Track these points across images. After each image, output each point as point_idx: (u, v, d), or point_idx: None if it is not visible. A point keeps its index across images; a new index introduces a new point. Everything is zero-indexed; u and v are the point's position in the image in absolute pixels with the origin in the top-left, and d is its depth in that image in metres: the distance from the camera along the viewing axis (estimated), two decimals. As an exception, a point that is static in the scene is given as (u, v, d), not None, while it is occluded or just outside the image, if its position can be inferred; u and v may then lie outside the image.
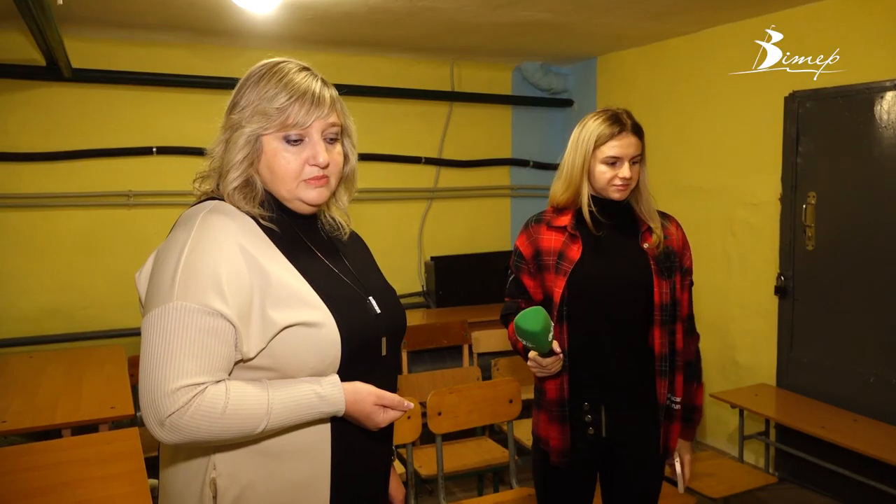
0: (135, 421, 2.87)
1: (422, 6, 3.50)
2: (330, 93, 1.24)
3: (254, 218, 1.23)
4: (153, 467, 2.20)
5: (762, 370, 3.89)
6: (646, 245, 1.91)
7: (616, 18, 3.84)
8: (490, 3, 3.48)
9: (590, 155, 1.89)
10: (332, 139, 1.25)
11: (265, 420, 1.13)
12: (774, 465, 3.80)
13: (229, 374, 1.15)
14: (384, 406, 1.25)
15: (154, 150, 4.26)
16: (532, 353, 1.78)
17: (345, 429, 1.25)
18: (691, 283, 2.01)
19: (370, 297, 1.31)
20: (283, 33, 4.06)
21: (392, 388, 1.34)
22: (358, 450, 1.29)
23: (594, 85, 5.15)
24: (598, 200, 1.94)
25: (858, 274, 3.39)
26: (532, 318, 1.68)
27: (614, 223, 1.95)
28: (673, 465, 2.01)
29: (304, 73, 1.23)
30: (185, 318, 1.08)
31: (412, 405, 1.30)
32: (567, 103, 5.43)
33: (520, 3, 3.48)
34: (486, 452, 3.16)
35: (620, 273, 1.91)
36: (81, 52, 3.96)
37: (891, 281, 3.25)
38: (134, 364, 3.36)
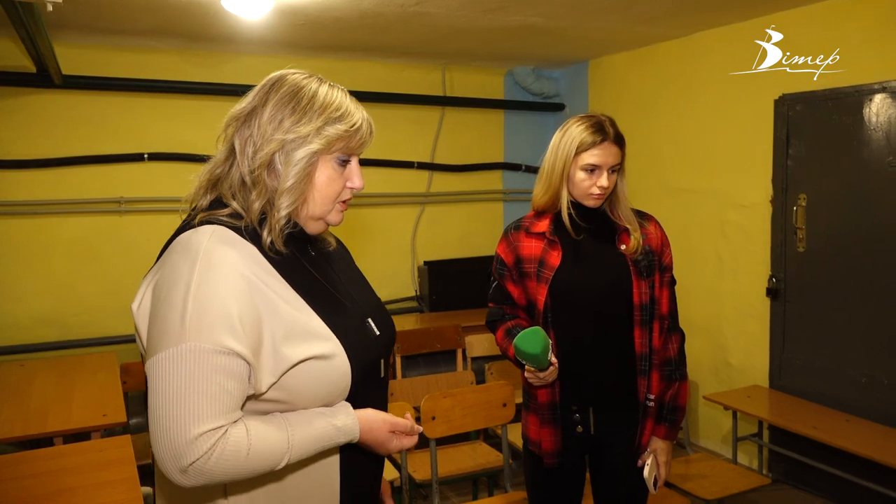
0: (127, 428, 2.86)
1: (413, 11, 3.51)
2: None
3: (259, 244, 1.18)
4: (146, 475, 2.19)
5: (755, 372, 3.90)
6: (623, 247, 1.93)
7: (607, 22, 3.86)
8: (481, 8, 3.49)
9: (570, 161, 1.90)
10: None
11: (286, 457, 1.12)
12: (768, 466, 3.81)
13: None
14: (396, 433, 1.28)
15: (145, 156, 4.24)
16: (529, 366, 1.81)
17: (352, 451, 1.26)
18: (672, 281, 2.01)
19: (368, 319, 1.30)
20: (275, 39, 4.06)
21: (384, 405, 1.36)
22: (363, 470, 1.31)
23: (585, 89, 5.16)
24: (576, 205, 1.95)
25: (849, 275, 3.41)
26: (531, 340, 1.71)
27: (592, 227, 1.96)
28: (643, 465, 1.97)
29: (352, 97, 1.26)
30: (199, 359, 1.04)
31: (421, 429, 1.32)
32: (559, 107, 5.45)
33: (511, 8, 3.49)
34: (480, 456, 3.16)
35: (601, 276, 1.92)
36: (72, 58, 3.96)
37: (882, 281, 3.27)
38: (126, 371, 3.35)
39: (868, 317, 3.34)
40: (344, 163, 1.23)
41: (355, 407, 1.23)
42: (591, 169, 1.88)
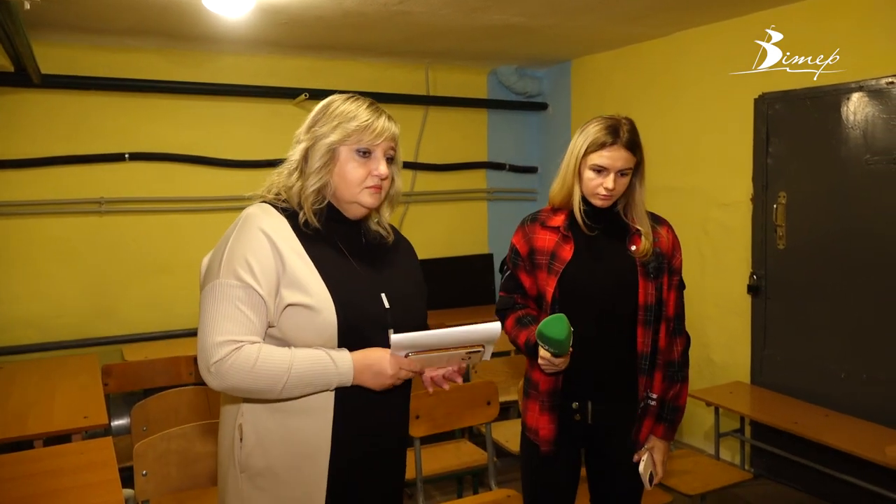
0: (108, 430, 2.83)
1: (396, 10, 3.50)
2: (394, 124, 1.59)
3: (293, 221, 1.49)
4: (128, 477, 2.18)
5: (737, 368, 3.94)
6: (633, 248, 1.97)
7: (589, 22, 3.88)
8: (464, 7, 3.50)
9: (580, 159, 1.95)
10: (389, 158, 1.57)
11: (286, 375, 1.39)
12: (750, 461, 3.85)
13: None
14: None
15: (126, 156, 4.20)
16: (544, 353, 1.83)
17: (348, 395, 1.47)
18: (681, 284, 2.06)
19: (382, 294, 1.54)
20: (257, 37, 4.03)
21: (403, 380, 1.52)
22: (360, 414, 1.50)
23: (568, 88, 5.19)
24: (588, 203, 1.98)
25: (828, 271, 3.45)
26: (557, 326, 1.76)
27: (605, 225, 1.99)
28: (639, 461, 2.01)
29: (374, 106, 1.58)
30: (225, 291, 1.40)
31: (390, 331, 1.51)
32: (542, 106, 5.47)
33: (494, 7, 3.50)
34: (464, 455, 3.16)
35: (609, 275, 1.97)
36: (51, 57, 3.90)
37: (860, 278, 3.31)
38: (107, 372, 3.34)
39: (847, 313, 3.38)
40: (365, 154, 1.52)
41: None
42: (599, 170, 1.92)
